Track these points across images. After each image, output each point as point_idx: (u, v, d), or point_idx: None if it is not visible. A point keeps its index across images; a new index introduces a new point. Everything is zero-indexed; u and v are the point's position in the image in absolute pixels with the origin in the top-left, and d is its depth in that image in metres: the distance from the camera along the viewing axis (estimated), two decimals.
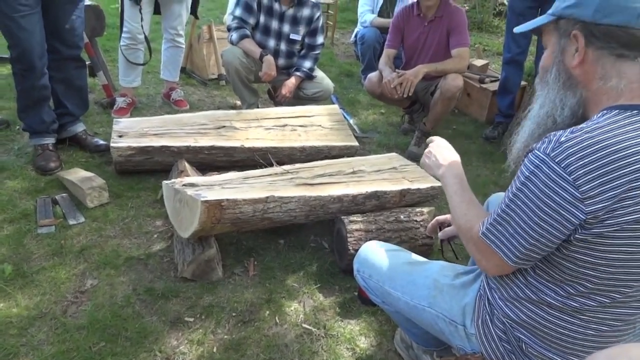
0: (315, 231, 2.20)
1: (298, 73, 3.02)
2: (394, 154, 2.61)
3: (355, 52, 4.67)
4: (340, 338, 1.66)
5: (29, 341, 1.52)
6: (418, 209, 2.08)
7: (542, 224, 0.91)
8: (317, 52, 3.10)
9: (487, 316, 1.14)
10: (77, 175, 2.27)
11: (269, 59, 2.90)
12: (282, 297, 1.81)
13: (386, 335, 1.69)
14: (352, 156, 2.70)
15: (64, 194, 2.23)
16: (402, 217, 2.01)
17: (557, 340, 1.03)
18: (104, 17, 3.24)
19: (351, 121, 3.44)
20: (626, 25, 0.90)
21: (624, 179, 0.86)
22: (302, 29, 3.01)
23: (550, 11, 1.02)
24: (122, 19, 2.95)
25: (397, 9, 3.77)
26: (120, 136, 2.38)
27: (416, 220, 2.01)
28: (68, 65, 2.52)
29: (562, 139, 0.89)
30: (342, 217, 1.96)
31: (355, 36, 4.37)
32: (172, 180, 1.97)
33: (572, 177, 0.86)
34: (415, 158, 2.95)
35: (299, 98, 3.11)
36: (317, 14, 3.01)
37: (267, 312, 1.74)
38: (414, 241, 1.98)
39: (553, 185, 0.88)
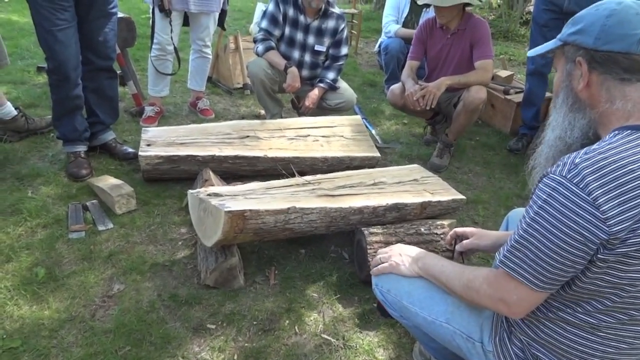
0: (336, 241, 2.23)
1: (321, 84, 3.06)
2: (415, 165, 2.62)
3: (379, 62, 4.69)
4: (359, 349, 1.68)
5: (59, 343, 1.58)
6: (439, 222, 2.08)
7: (564, 245, 0.91)
8: (340, 63, 3.14)
9: (505, 333, 1.14)
10: (106, 182, 2.36)
11: (293, 71, 2.95)
12: (302, 307, 1.84)
13: (405, 348, 1.70)
14: (374, 167, 2.72)
15: (94, 201, 2.31)
16: (422, 229, 2.02)
17: (576, 358, 1.03)
18: (135, 28, 3.36)
19: (373, 131, 3.46)
20: (627, 52, 0.94)
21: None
22: (326, 41, 3.05)
23: (558, 36, 1.07)
24: (153, 30, 3.05)
25: (422, 20, 3.79)
26: (148, 145, 2.46)
27: (437, 233, 2.01)
28: (100, 75, 2.62)
29: (577, 160, 0.91)
30: (363, 228, 1.98)
31: (379, 46, 4.39)
32: (197, 189, 2.02)
33: (591, 197, 0.87)
34: (438, 170, 2.95)
35: (322, 108, 3.15)
36: (342, 26, 3.05)
37: (287, 321, 1.77)
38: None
39: (573, 207, 0.89)
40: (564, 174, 0.91)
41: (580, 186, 0.88)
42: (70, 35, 2.33)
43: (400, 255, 1.34)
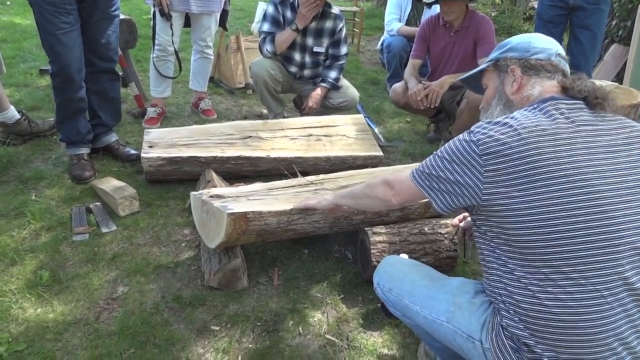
0: (339, 241, 2.22)
1: (324, 84, 3.06)
2: (418, 163, 2.61)
3: (381, 60, 4.68)
4: (363, 350, 1.67)
5: (64, 346, 1.59)
6: (443, 221, 2.07)
7: (451, 160, 1.18)
8: (341, 62, 3.13)
9: (500, 327, 1.15)
10: (109, 184, 2.36)
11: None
12: (306, 307, 1.84)
13: (409, 348, 1.69)
14: (377, 166, 2.71)
15: (97, 203, 2.32)
16: (426, 229, 2.01)
17: (534, 320, 1.07)
18: (137, 29, 3.36)
19: (376, 130, 3.45)
20: (548, 59, 1.28)
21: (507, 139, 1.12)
22: (325, 41, 3.04)
23: (487, 60, 1.41)
24: (154, 32, 3.05)
25: (424, 17, 3.77)
26: (150, 147, 2.46)
27: (440, 233, 2.01)
28: (103, 78, 2.62)
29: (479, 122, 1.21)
30: (366, 228, 1.98)
31: (382, 44, 4.38)
32: (200, 191, 2.02)
33: (475, 137, 1.15)
34: None
35: (325, 107, 3.14)
36: (340, 25, 3.03)
37: (291, 322, 1.77)
38: (437, 254, 1.98)
39: (465, 145, 1.16)
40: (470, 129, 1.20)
41: (471, 133, 1.17)
42: (74, 38, 2.33)
43: (320, 196, 1.75)
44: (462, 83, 1.59)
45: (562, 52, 1.31)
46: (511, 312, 1.12)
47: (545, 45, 1.31)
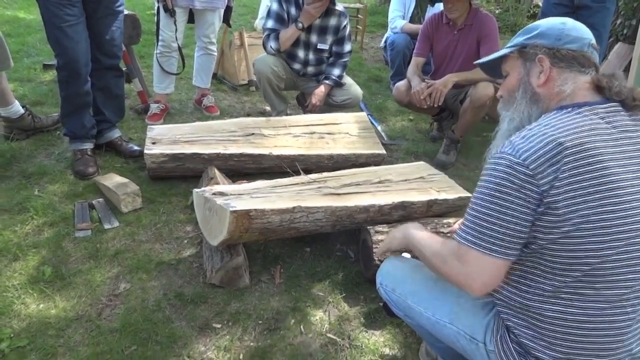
0: (342, 240, 2.22)
1: (327, 81, 3.05)
2: (421, 162, 2.60)
3: (385, 58, 4.67)
4: (365, 349, 1.67)
5: (66, 342, 1.59)
6: (445, 220, 2.07)
7: (509, 204, 1.02)
8: (345, 59, 3.12)
9: (505, 330, 1.14)
10: (112, 180, 2.36)
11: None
12: (308, 306, 1.84)
13: (411, 348, 1.69)
14: (380, 164, 2.71)
15: (100, 199, 2.32)
16: (428, 228, 2.00)
17: (558, 334, 1.05)
18: (140, 25, 3.35)
19: (379, 128, 3.44)
20: (581, 51, 1.15)
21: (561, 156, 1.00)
22: (329, 38, 3.03)
23: (510, 44, 1.26)
24: (158, 27, 3.05)
25: (428, 15, 3.75)
26: (153, 143, 2.46)
27: (443, 232, 2.00)
28: (107, 74, 2.62)
29: (512, 139, 1.07)
30: (368, 227, 1.97)
31: (385, 42, 4.36)
32: (202, 188, 2.02)
33: (521, 158, 1.01)
34: (444, 166, 2.93)
35: (328, 105, 3.14)
36: (344, 23, 3.02)
37: (293, 320, 1.77)
38: None
39: (509, 170, 1.02)
40: (502, 151, 1.05)
41: (513, 153, 1.03)
42: (79, 31, 2.33)
43: (391, 233, 1.49)
44: (479, 66, 1.43)
45: (594, 41, 1.19)
46: (521, 318, 1.10)
47: (578, 33, 1.17)
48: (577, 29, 1.17)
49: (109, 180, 2.38)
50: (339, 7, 3.02)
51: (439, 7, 3.14)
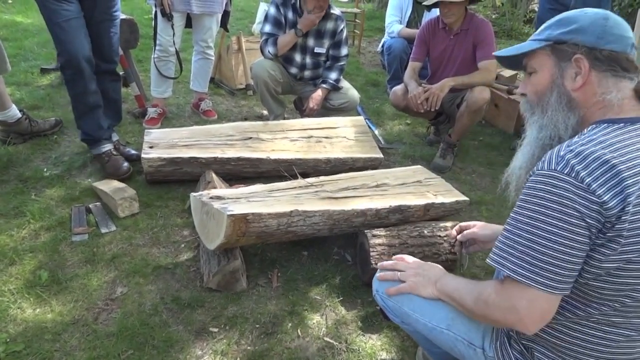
0: (339, 243, 2.22)
1: (324, 85, 3.06)
2: (418, 166, 2.61)
3: (382, 62, 4.68)
4: (362, 353, 1.67)
5: (62, 346, 1.59)
6: (442, 224, 2.07)
7: (566, 233, 0.90)
8: (342, 63, 3.13)
9: (505, 338, 1.14)
10: (109, 185, 2.36)
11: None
12: (305, 310, 1.84)
13: (408, 352, 1.69)
14: (377, 168, 2.71)
15: (97, 203, 2.32)
16: (425, 232, 2.01)
17: (576, 353, 1.03)
18: (138, 29, 3.35)
19: (376, 132, 3.45)
20: (625, 52, 1.01)
21: (625, 184, 0.89)
22: (326, 42, 3.04)
23: (540, 37, 1.08)
24: (156, 32, 3.05)
25: (424, 20, 3.77)
26: (151, 147, 2.46)
27: (440, 236, 2.01)
28: (104, 78, 2.62)
29: (562, 153, 0.93)
30: (365, 230, 1.98)
31: (382, 46, 4.38)
32: (200, 192, 2.02)
33: (584, 183, 0.89)
34: (441, 170, 2.94)
35: (325, 109, 3.14)
36: (341, 26, 3.04)
37: (290, 324, 1.77)
38: (437, 256, 1.98)
39: (568, 194, 0.90)
40: (552, 167, 0.92)
41: (572, 175, 0.90)
42: (77, 27, 2.33)
43: (418, 275, 1.29)
44: (497, 58, 1.25)
45: (636, 41, 1.05)
46: (538, 334, 1.06)
47: (621, 30, 1.02)
48: (619, 26, 1.02)
49: (106, 185, 2.38)
50: (336, 11, 3.03)
51: (436, 12, 3.16)
